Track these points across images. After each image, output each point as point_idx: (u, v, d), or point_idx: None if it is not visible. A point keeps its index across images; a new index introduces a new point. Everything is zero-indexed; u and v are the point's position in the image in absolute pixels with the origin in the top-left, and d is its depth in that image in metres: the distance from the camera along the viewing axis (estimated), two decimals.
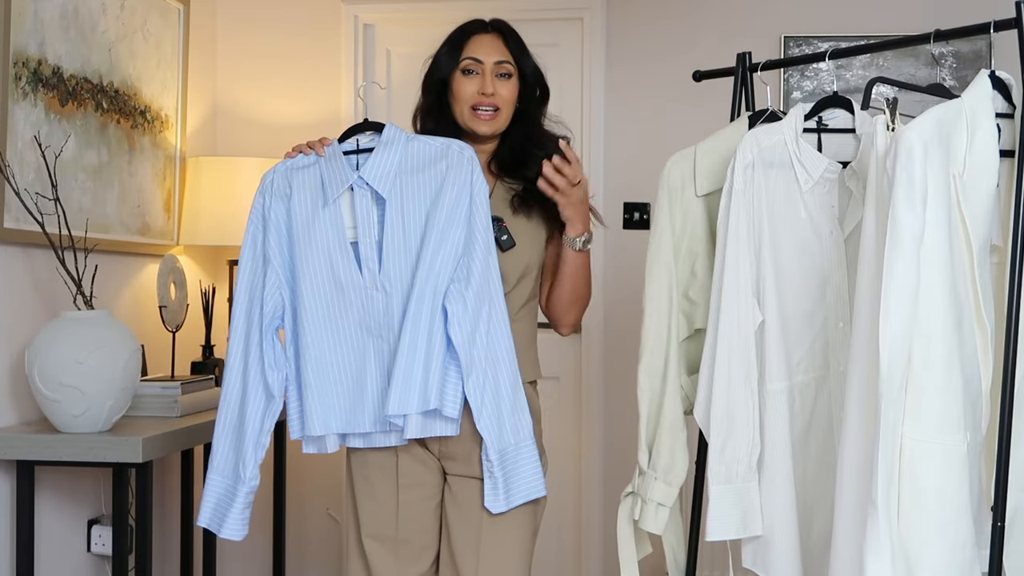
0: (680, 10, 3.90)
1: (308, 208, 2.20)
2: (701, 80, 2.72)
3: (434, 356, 2.11)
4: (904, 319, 1.87)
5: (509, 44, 2.32)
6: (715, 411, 2.20)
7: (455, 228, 2.14)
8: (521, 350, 2.27)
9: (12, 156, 2.78)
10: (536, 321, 2.38)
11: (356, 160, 2.21)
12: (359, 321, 2.18)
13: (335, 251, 2.18)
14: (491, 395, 2.14)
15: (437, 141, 2.21)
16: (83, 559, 3.13)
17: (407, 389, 2.10)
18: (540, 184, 2.21)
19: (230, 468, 2.24)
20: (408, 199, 2.16)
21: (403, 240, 2.16)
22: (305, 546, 4.08)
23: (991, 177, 1.96)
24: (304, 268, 2.19)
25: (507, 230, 2.25)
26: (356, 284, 2.17)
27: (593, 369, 3.94)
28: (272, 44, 4.09)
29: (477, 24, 2.35)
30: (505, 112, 2.30)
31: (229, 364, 2.25)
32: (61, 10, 3.01)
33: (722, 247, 2.22)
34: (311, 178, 2.22)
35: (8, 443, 2.67)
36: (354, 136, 2.24)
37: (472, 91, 2.29)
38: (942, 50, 3.57)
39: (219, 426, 2.25)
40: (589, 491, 3.93)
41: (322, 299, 2.19)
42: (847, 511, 1.95)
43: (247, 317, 2.23)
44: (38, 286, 2.92)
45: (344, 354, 2.19)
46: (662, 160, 2.43)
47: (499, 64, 2.29)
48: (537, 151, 2.29)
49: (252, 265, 2.24)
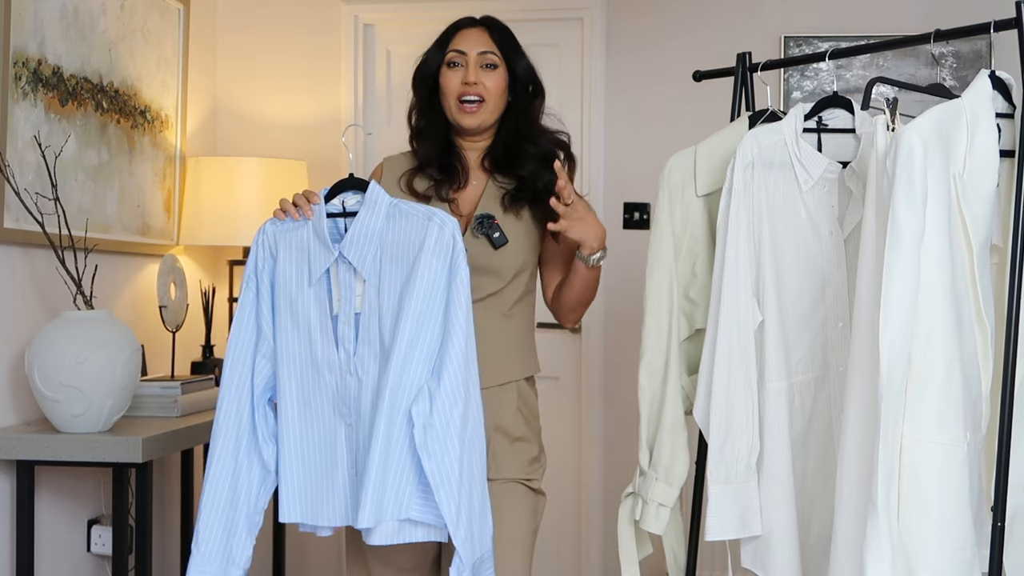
0: (680, 10, 3.90)
1: (293, 281, 2.07)
2: (701, 80, 2.72)
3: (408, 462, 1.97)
4: (904, 319, 1.87)
5: (495, 36, 2.31)
6: (715, 411, 2.19)
7: (431, 319, 1.99)
8: (516, 346, 2.27)
9: (12, 156, 2.78)
10: (533, 316, 2.38)
11: (344, 224, 2.09)
12: (332, 404, 2.06)
13: (316, 330, 2.06)
14: (466, 507, 1.97)
15: (420, 212, 2.05)
16: (83, 559, 3.13)
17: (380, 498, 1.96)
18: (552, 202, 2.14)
19: (220, 554, 2.05)
20: (385, 279, 2.03)
21: (378, 324, 2.03)
22: (305, 546, 4.08)
23: (991, 177, 1.96)
24: (283, 342, 2.07)
25: (499, 227, 2.24)
26: (332, 365, 2.05)
27: (593, 369, 3.94)
28: (272, 44, 4.09)
29: (465, 20, 2.35)
30: (491, 104, 2.29)
31: (219, 436, 2.07)
32: (61, 10, 3.01)
33: (722, 247, 2.22)
34: (298, 243, 2.08)
35: (8, 443, 2.67)
36: (340, 195, 2.11)
37: (457, 83, 2.27)
38: (942, 50, 3.57)
39: (207, 507, 2.06)
40: (589, 491, 3.93)
41: (297, 376, 2.06)
42: (847, 511, 1.95)
43: (239, 385, 2.08)
44: (38, 286, 2.92)
45: (316, 437, 2.06)
46: (662, 160, 2.43)
47: (483, 55, 2.28)
48: (529, 147, 2.29)
49: (247, 331, 2.10)
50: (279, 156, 3.87)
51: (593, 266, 2.24)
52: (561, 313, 2.37)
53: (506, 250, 2.25)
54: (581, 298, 2.32)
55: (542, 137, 2.33)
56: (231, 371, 2.09)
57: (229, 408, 2.08)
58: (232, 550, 2.07)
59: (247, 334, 2.10)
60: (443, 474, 1.95)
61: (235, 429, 2.08)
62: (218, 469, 2.07)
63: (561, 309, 2.36)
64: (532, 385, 2.35)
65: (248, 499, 2.08)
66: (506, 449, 2.24)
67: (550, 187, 2.22)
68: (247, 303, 2.11)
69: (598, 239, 2.21)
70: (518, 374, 2.29)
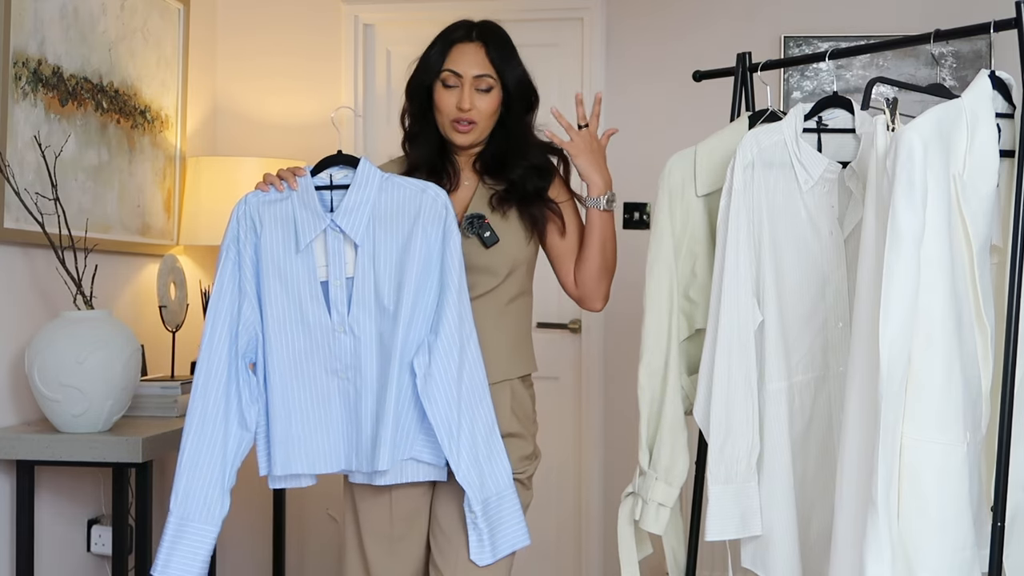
0: (680, 10, 3.90)
1: (280, 248, 2.16)
2: (701, 80, 2.72)
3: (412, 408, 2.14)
4: (904, 319, 1.87)
5: (491, 55, 2.29)
6: (715, 411, 2.20)
7: (429, 282, 2.14)
8: (511, 345, 2.28)
9: (12, 156, 2.78)
10: (530, 316, 2.38)
11: (330, 196, 2.18)
12: (324, 363, 2.17)
13: (305, 294, 2.16)
14: (467, 445, 2.13)
15: (413, 184, 2.18)
16: (83, 559, 3.13)
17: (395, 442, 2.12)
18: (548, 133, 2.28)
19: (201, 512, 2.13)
20: (380, 246, 2.15)
21: (374, 286, 2.14)
22: (305, 546, 4.08)
23: (991, 177, 1.96)
24: (271, 307, 2.16)
25: (490, 227, 2.26)
26: (324, 326, 2.16)
27: (593, 369, 3.94)
28: (272, 44, 4.09)
29: (461, 31, 2.32)
30: (483, 125, 2.30)
31: (203, 398, 2.14)
32: (61, 10, 3.01)
33: (722, 247, 2.22)
34: (283, 214, 2.18)
35: (8, 443, 2.67)
36: (327, 169, 2.20)
37: (451, 105, 2.28)
38: (942, 50, 3.57)
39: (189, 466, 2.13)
40: (589, 491, 3.93)
41: (288, 339, 2.16)
42: (847, 511, 1.95)
43: (220, 349, 2.15)
44: (38, 286, 2.92)
45: (309, 396, 2.17)
46: (662, 160, 2.43)
47: (478, 79, 2.28)
48: (520, 157, 2.31)
49: (230, 295, 2.18)
50: (279, 156, 3.87)
51: (605, 209, 2.29)
52: (587, 289, 2.36)
53: (498, 249, 2.27)
54: (603, 260, 2.33)
55: (534, 146, 2.35)
56: (217, 330, 2.16)
57: (211, 371, 2.15)
58: (211, 508, 2.14)
59: (228, 299, 2.17)
60: (443, 417, 2.12)
61: (220, 391, 2.14)
62: (202, 430, 2.14)
63: (586, 285, 2.35)
64: (528, 387, 2.35)
65: (230, 459, 2.15)
66: None
67: (540, 192, 2.30)
68: (227, 271, 2.18)
69: (604, 178, 2.30)
70: (511, 373, 2.30)
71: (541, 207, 2.32)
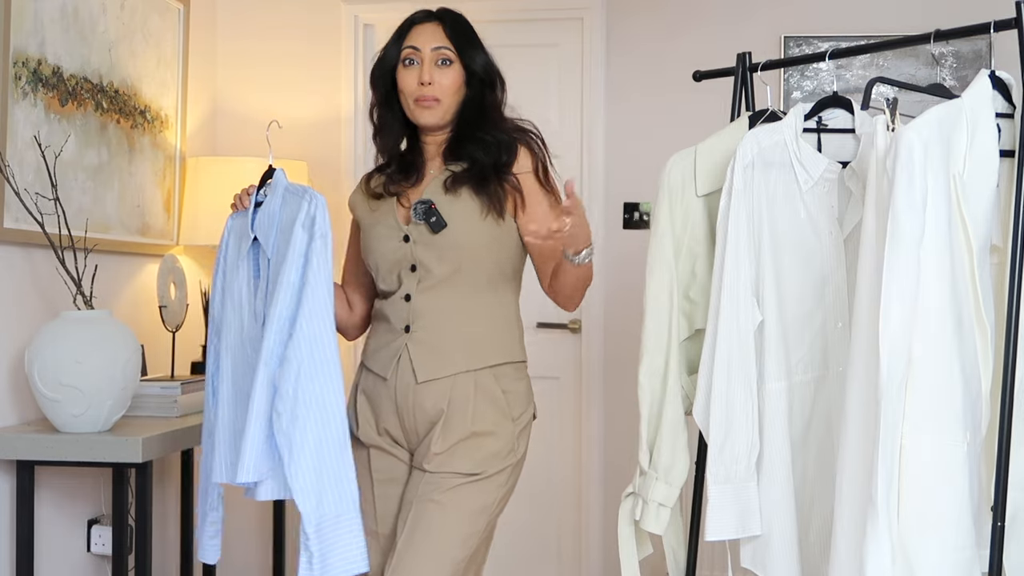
0: (680, 10, 3.90)
1: (231, 266, 2.25)
2: (701, 80, 2.72)
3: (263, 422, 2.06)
4: (904, 319, 1.87)
5: (448, 31, 2.28)
6: (714, 411, 2.20)
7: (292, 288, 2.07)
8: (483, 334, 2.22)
9: (12, 156, 2.78)
10: (511, 304, 2.29)
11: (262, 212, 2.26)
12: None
13: (245, 308, 2.21)
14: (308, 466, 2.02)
15: (300, 191, 2.16)
16: (83, 559, 3.13)
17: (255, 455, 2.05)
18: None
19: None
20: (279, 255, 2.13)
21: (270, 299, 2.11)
22: None
23: (991, 177, 1.96)
24: (224, 324, 2.23)
25: (436, 212, 2.21)
26: (255, 340, 2.15)
27: (593, 369, 3.94)
28: (272, 44, 4.09)
29: (420, 13, 2.32)
30: (447, 103, 2.27)
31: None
32: (61, 10, 3.01)
33: (722, 247, 2.22)
34: (240, 230, 2.26)
35: (8, 443, 2.67)
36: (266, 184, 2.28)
37: (413, 83, 2.26)
38: (942, 50, 3.57)
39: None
40: (589, 491, 3.93)
41: (231, 356, 2.21)
42: (847, 511, 1.95)
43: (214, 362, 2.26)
44: (38, 286, 2.92)
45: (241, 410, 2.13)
46: (662, 160, 2.43)
47: (436, 51, 2.26)
48: (486, 136, 2.25)
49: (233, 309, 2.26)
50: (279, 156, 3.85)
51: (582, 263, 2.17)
52: (558, 302, 2.33)
53: (448, 232, 2.21)
54: (575, 291, 2.27)
55: (502, 125, 2.29)
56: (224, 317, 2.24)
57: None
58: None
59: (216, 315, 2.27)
60: (284, 432, 2.02)
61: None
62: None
63: (557, 299, 2.32)
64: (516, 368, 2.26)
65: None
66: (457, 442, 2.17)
67: (499, 167, 2.22)
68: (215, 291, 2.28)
69: (584, 240, 2.14)
70: (473, 364, 2.20)
71: (500, 182, 2.22)
